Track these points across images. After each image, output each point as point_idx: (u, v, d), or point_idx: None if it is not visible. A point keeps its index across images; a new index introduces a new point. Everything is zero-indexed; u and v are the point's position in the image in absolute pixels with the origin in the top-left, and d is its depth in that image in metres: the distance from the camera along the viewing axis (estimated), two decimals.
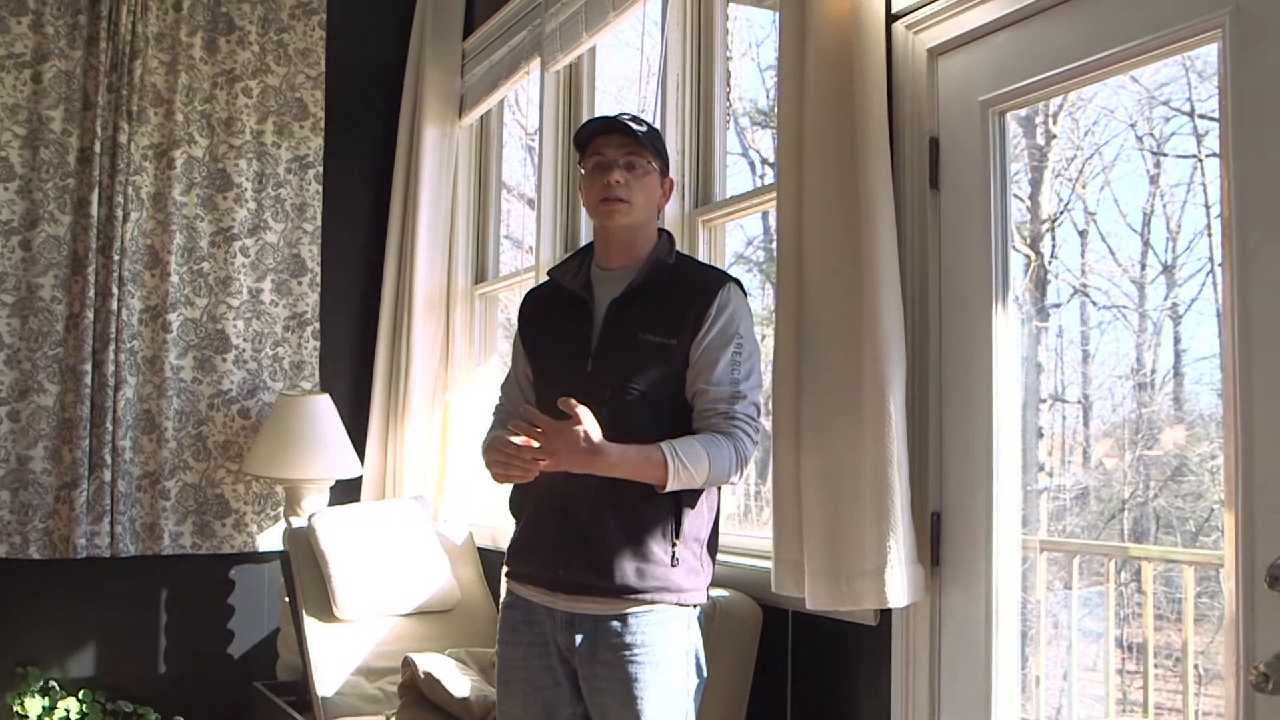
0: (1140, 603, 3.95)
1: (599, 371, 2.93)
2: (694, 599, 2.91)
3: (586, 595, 2.88)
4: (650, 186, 2.99)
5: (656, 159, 3.00)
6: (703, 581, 2.94)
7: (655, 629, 2.85)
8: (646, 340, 2.91)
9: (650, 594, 2.84)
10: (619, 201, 2.94)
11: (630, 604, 2.85)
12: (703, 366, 2.88)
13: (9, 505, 5.32)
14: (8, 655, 5.41)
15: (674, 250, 3.06)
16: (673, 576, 2.85)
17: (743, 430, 2.85)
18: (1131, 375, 4.52)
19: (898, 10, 3.12)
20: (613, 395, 2.89)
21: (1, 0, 5.43)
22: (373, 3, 6.23)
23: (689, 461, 2.76)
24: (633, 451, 2.77)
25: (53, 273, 5.42)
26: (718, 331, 2.89)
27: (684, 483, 2.78)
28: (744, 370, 2.89)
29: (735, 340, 2.89)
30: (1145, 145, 4.42)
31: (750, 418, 2.87)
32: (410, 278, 5.75)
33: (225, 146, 5.76)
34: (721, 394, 2.86)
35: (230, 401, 5.69)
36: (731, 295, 2.94)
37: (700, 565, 2.93)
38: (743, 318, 2.94)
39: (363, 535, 4.80)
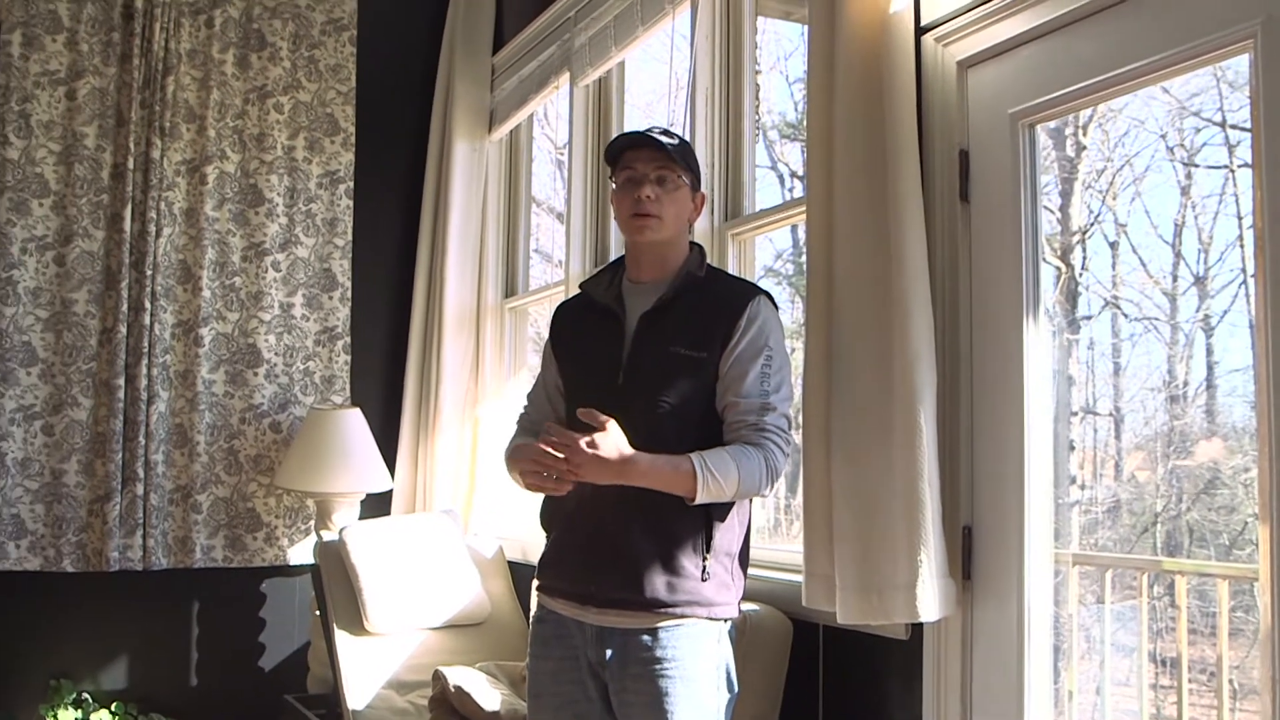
0: (1174, 617, 3.92)
1: (630, 384, 2.93)
2: (725, 613, 2.90)
3: (617, 609, 2.88)
4: (681, 201, 2.99)
5: (688, 173, 3.00)
6: (734, 596, 2.93)
7: (686, 643, 2.84)
8: (677, 353, 2.91)
9: (681, 608, 2.84)
10: (649, 217, 2.94)
11: (661, 618, 2.84)
12: (732, 379, 2.88)
13: (43, 519, 5.35)
14: (41, 667, 5.44)
15: (705, 263, 3.06)
16: (703, 590, 2.85)
17: (773, 442, 2.84)
18: (1163, 387, 4.49)
19: (927, 23, 3.12)
20: (643, 408, 2.89)
21: (37, 19, 5.48)
22: (403, 19, 6.26)
23: (718, 473, 2.75)
24: (661, 461, 2.76)
25: (86, 288, 5.46)
26: (747, 343, 2.88)
27: (713, 494, 2.77)
28: (774, 382, 2.89)
29: (765, 352, 2.89)
30: (1176, 156, 4.40)
31: (780, 429, 2.87)
32: (440, 292, 5.76)
33: (257, 162, 5.79)
34: (751, 406, 2.85)
35: (261, 415, 5.71)
36: (761, 308, 2.94)
37: (731, 579, 2.92)
38: (773, 330, 2.94)
39: (393, 549, 4.81)
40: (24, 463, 5.34)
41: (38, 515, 5.35)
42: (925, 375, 2.89)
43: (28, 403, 5.36)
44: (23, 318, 5.37)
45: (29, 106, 5.44)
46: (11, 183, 5.38)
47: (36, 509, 5.35)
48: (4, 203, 5.36)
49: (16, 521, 5.30)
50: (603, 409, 2.83)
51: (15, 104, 5.41)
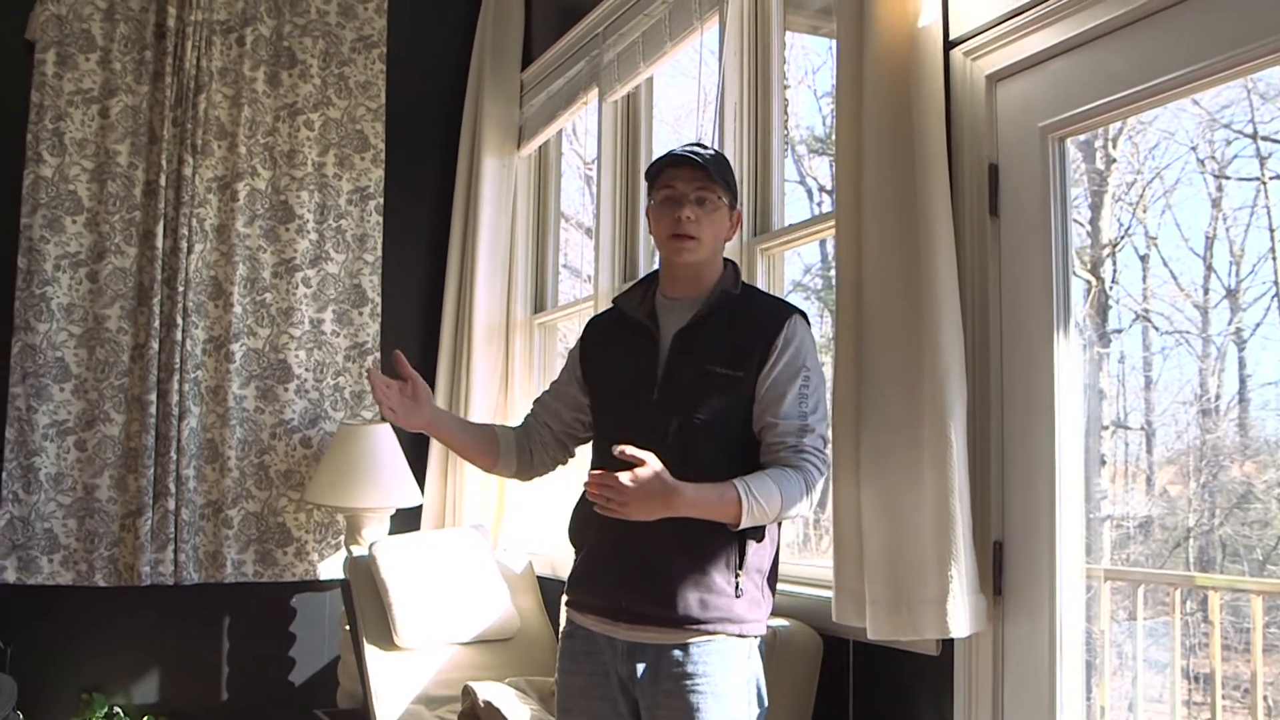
0: (1207, 633, 3.90)
1: (664, 401, 2.93)
2: (755, 630, 2.91)
3: (648, 625, 2.88)
4: (719, 222, 2.99)
5: (726, 192, 2.99)
6: (764, 613, 2.93)
7: (716, 659, 2.84)
8: (713, 372, 2.90)
9: (712, 624, 2.84)
10: (688, 238, 2.94)
11: (692, 634, 2.84)
12: (770, 400, 2.87)
13: (75, 533, 5.39)
14: (73, 681, 5.47)
15: (739, 281, 3.06)
16: (735, 607, 2.85)
17: (811, 463, 2.84)
18: (1195, 401, 4.47)
19: (956, 37, 3.11)
20: (678, 425, 2.89)
21: (70, 38, 5.53)
22: (432, 35, 6.29)
23: (762, 499, 2.75)
24: (706, 490, 2.75)
25: (119, 304, 5.50)
26: (784, 364, 2.88)
27: (757, 519, 2.77)
28: (811, 403, 2.89)
29: (802, 373, 2.89)
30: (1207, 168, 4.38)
31: (818, 450, 2.87)
32: (470, 308, 5.78)
33: (287, 179, 5.83)
34: (790, 427, 2.85)
35: (292, 431, 5.74)
36: (798, 327, 2.94)
37: (762, 596, 2.92)
38: (809, 350, 2.94)
39: (423, 564, 4.82)
40: (57, 478, 5.38)
41: (70, 530, 5.38)
42: (955, 390, 2.88)
43: (61, 418, 5.40)
44: (56, 334, 5.41)
45: (63, 125, 5.49)
46: (45, 200, 5.43)
47: (69, 524, 5.38)
48: (38, 220, 5.40)
49: (49, 536, 5.33)
50: (636, 424, 2.87)
51: (49, 122, 5.46)
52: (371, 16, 6.04)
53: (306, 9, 5.93)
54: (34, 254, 5.40)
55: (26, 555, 5.29)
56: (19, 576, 5.28)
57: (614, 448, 2.73)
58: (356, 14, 6.02)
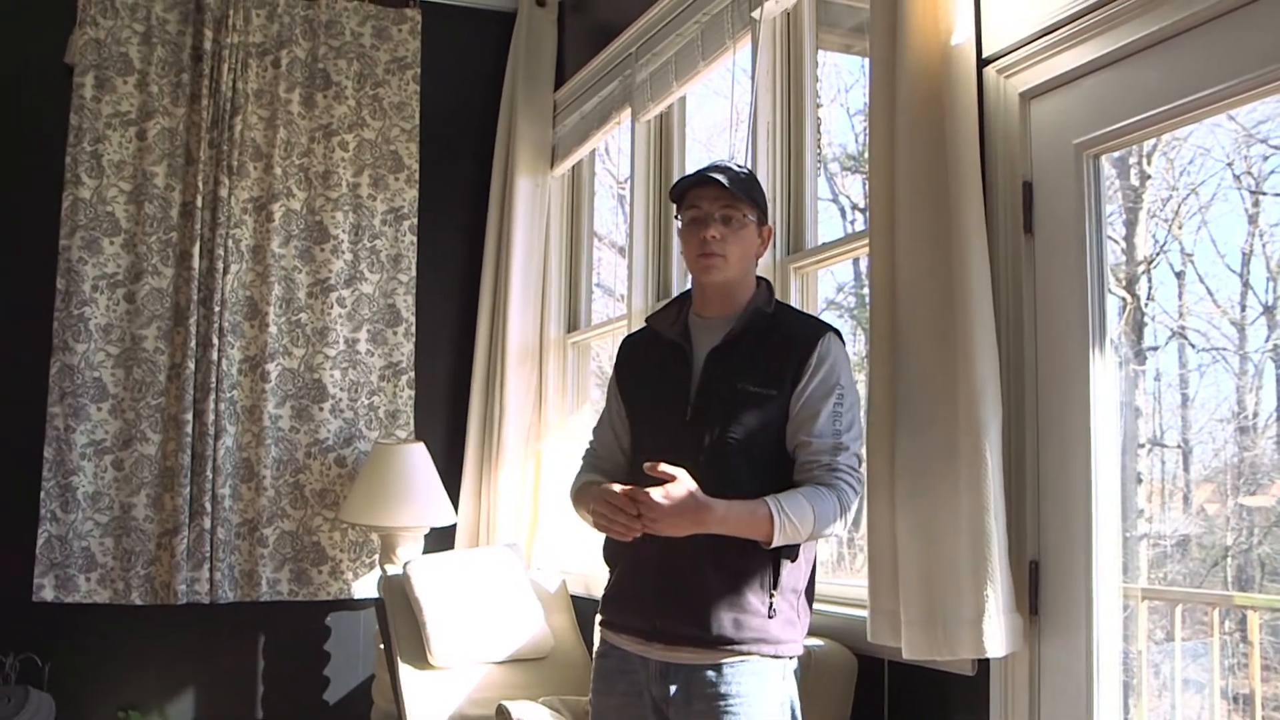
0: (1246, 652, 3.86)
1: (697, 419, 2.92)
2: (790, 650, 2.89)
3: (682, 645, 2.86)
4: (747, 239, 2.98)
5: (753, 209, 2.98)
6: (799, 633, 2.91)
7: (750, 680, 2.82)
8: (745, 390, 2.89)
9: (747, 645, 2.82)
10: (715, 257, 2.94)
11: (726, 654, 2.83)
12: (804, 419, 2.86)
13: (112, 552, 5.42)
14: (111, 698, 5.50)
15: (773, 299, 3.05)
16: (770, 628, 2.83)
17: (845, 482, 2.83)
18: (1233, 419, 4.43)
19: (989, 55, 3.11)
20: (711, 444, 2.88)
21: (109, 61, 5.59)
22: (465, 56, 6.32)
23: (795, 517, 2.74)
24: (738, 507, 2.75)
25: (156, 324, 5.54)
26: (818, 383, 2.87)
27: (789, 538, 2.76)
28: (845, 421, 2.88)
29: (836, 391, 2.88)
30: (1243, 184, 4.35)
31: (852, 469, 2.86)
32: (503, 327, 5.80)
33: (322, 199, 5.86)
34: (824, 446, 2.84)
35: (327, 450, 5.76)
36: (831, 345, 2.93)
37: (797, 616, 2.91)
38: (843, 368, 2.92)
39: (457, 583, 4.83)
40: (94, 496, 5.42)
41: (107, 549, 5.42)
42: (990, 408, 2.87)
43: (98, 438, 5.44)
44: (94, 354, 5.45)
45: (101, 147, 5.54)
46: (84, 221, 5.48)
47: (106, 542, 5.42)
48: (76, 241, 5.45)
49: (86, 554, 5.37)
50: (670, 443, 2.87)
51: (87, 144, 5.52)
52: (405, 38, 6.08)
53: (341, 31, 5.98)
54: (72, 275, 5.45)
55: (64, 573, 5.33)
56: (57, 595, 5.32)
57: (645, 464, 2.73)
58: (390, 36, 6.05)
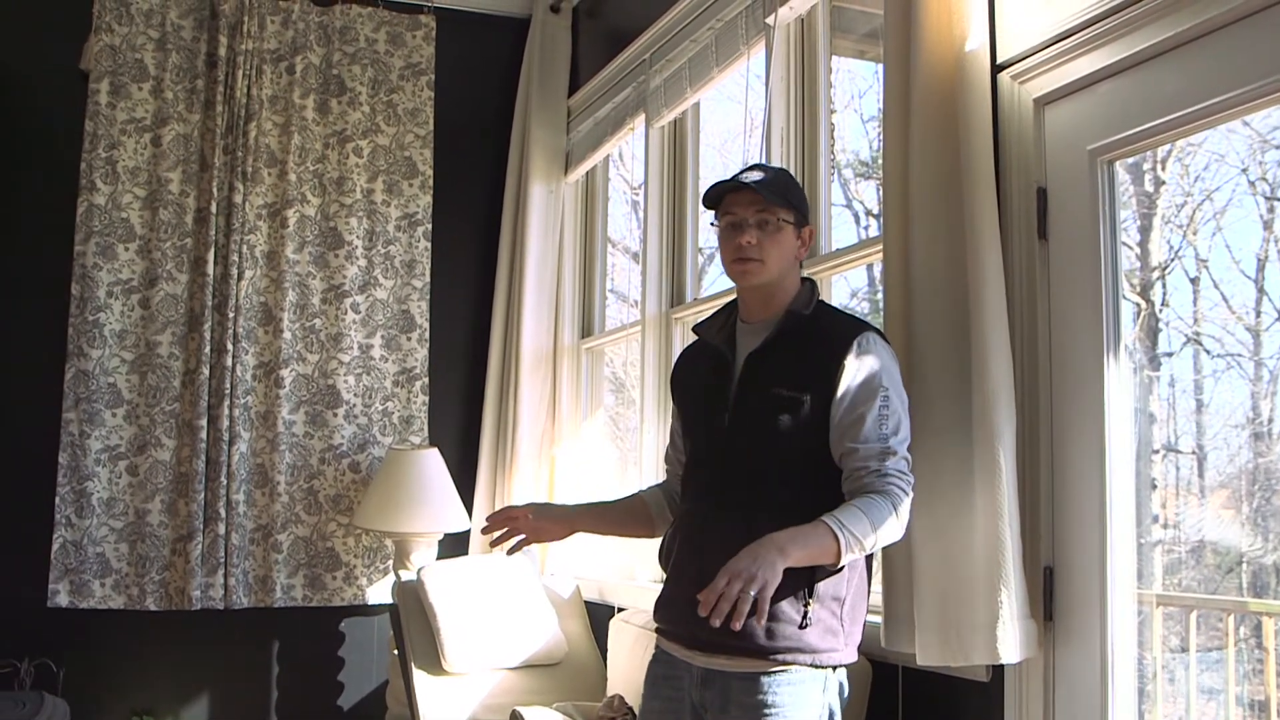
0: (1261, 659, 3.85)
1: (735, 425, 2.91)
2: (833, 660, 2.82)
3: (720, 653, 2.83)
4: (784, 242, 2.93)
5: (790, 211, 2.93)
6: (843, 642, 2.83)
7: (787, 690, 2.78)
8: (779, 394, 2.86)
9: (781, 654, 2.77)
10: (750, 261, 2.91)
11: (762, 664, 2.79)
12: (847, 425, 2.80)
13: (127, 557, 5.44)
14: (124, 703, 5.51)
15: (814, 300, 2.99)
16: (805, 637, 2.77)
17: (897, 486, 2.75)
18: (1247, 424, 4.42)
19: (1003, 60, 3.11)
20: (747, 449, 2.87)
21: (124, 68, 5.61)
22: (479, 63, 6.33)
23: (857, 531, 2.67)
24: (803, 538, 2.66)
25: (170, 330, 5.55)
26: (859, 386, 2.81)
27: (855, 554, 2.70)
28: (891, 424, 2.80)
29: (880, 393, 2.80)
30: (1258, 190, 4.34)
31: (902, 473, 2.78)
32: (517, 332, 5.80)
33: (336, 205, 5.87)
34: (871, 451, 2.77)
35: (341, 456, 5.77)
36: (871, 345, 2.85)
37: (841, 626, 2.82)
38: (886, 368, 2.84)
39: (471, 588, 4.83)
40: (109, 502, 5.43)
41: (122, 554, 5.43)
42: (1004, 413, 2.87)
43: (113, 443, 5.46)
44: (109, 360, 5.47)
45: (116, 153, 5.56)
46: (99, 228, 5.50)
47: (121, 548, 5.43)
48: (91, 247, 5.47)
49: (101, 560, 5.38)
50: (712, 449, 2.91)
51: (103, 151, 5.54)
52: (420, 44, 6.10)
53: (355, 37, 5.99)
54: (87, 281, 5.46)
55: (79, 579, 5.35)
56: (71, 600, 5.34)
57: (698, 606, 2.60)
58: (405, 42, 6.07)
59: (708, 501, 2.92)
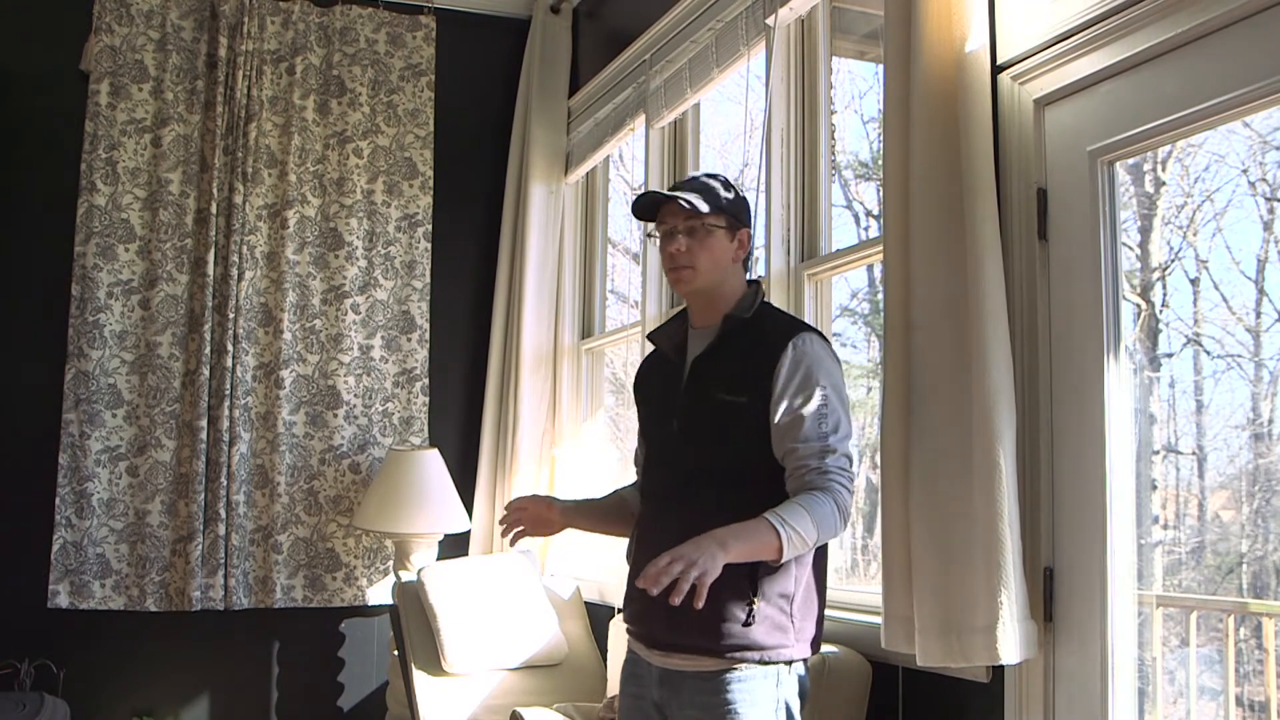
0: (1261, 660, 3.85)
1: (684, 429, 2.97)
2: (782, 656, 2.85)
3: (673, 652, 2.90)
4: (715, 247, 2.97)
5: (720, 215, 2.97)
6: (793, 638, 2.86)
7: (739, 687, 2.82)
8: (720, 398, 2.91)
9: (728, 652, 2.81)
10: (682, 269, 2.97)
11: (713, 662, 2.83)
12: (787, 425, 2.84)
13: (127, 558, 5.44)
14: (125, 704, 5.52)
15: (756, 303, 3.03)
16: (751, 635, 2.80)
17: (838, 483, 2.80)
18: (1248, 425, 4.42)
19: (1003, 61, 3.11)
20: (694, 454, 2.94)
21: (124, 69, 5.61)
22: (480, 63, 6.33)
23: (798, 528, 2.70)
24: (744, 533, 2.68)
25: (170, 331, 5.55)
26: (797, 387, 2.85)
27: (797, 550, 2.73)
28: (831, 423, 2.84)
29: (819, 392, 2.85)
30: (1258, 191, 4.34)
31: (843, 469, 2.82)
32: (518, 333, 5.80)
33: (336, 206, 5.88)
34: (812, 450, 2.81)
35: (341, 456, 5.77)
36: (808, 345, 2.89)
37: (790, 622, 2.85)
38: (824, 368, 2.88)
39: (471, 589, 4.83)
40: (109, 503, 5.43)
41: (122, 555, 5.43)
42: (1005, 414, 2.87)
43: (113, 444, 5.46)
44: (109, 361, 5.47)
45: (116, 154, 5.56)
46: (99, 228, 5.50)
47: (121, 549, 5.43)
48: (91, 248, 5.48)
49: (101, 561, 5.38)
50: (664, 453, 2.99)
51: (103, 151, 5.54)
52: (420, 45, 6.10)
53: (355, 38, 5.99)
54: (87, 281, 5.47)
55: (79, 580, 5.35)
56: (72, 601, 5.34)
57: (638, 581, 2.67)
58: (405, 43, 6.07)
59: (661, 503, 2.98)
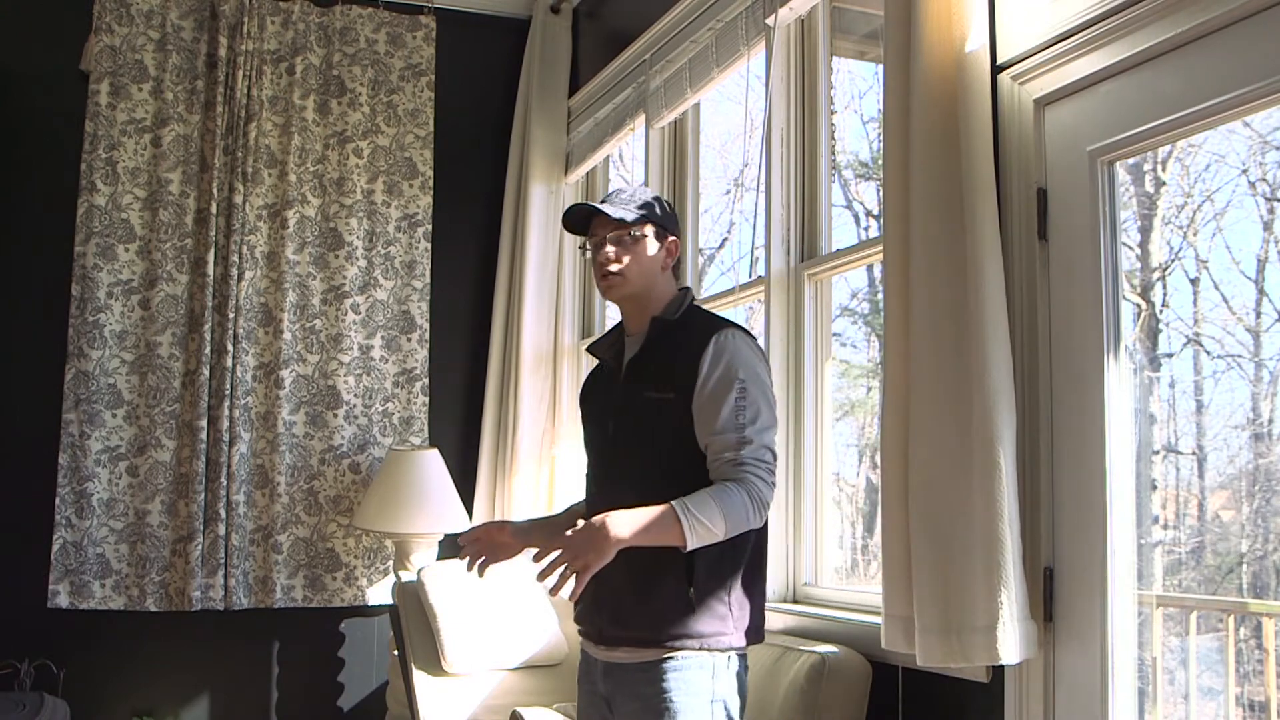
0: (1261, 660, 3.85)
1: (617, 432, 3.05)
2: (721, 644, 2.90)
3: (616, 646, 2.97)
4: (641, 254, 3.07)
5: (646, 224, 3.08)
6: (733, 626, 2.91)
7: (675, 676, 2.86)
8: (650, 397, 2.98)
9: (668, 642, 2.87)
10: (610, 276, 3.06)
11: (651, 652, 2.89)
12: (706, 418, 2.90)
13: (127, 558, 5.44)
14: (125, 704, 5.52)
15: (684, 306, 3.11)
16: (691, 623, 2.86)
17: (753, 474, 2.84)
18: (1248, 425, 4.42)
19: (1003, 61, 3.11)
20: (627, 454, 3.01)
21: (124, 69, 5.61)
22: (480, 63, 6.33)
23: (703, 517, 2.76)
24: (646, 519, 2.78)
25: (171, 331, 5.55)
26: (716, 380, 2.90)
27: (703, 538, 2.77)
28: (749, 414, 2.88)
29: (737, 385, 2.89)
30: (1258, 191, 4.34)
31: (759, 460, 2.86)
32: (518, 333, 5.80)
33: (336, 206, 5.88)
34: (728, 441, 2.86)
35: (341, 456, 5.77)
36: (729, 341, 2.95)
37: (730, 610, 2.91)
38: (744, 362, 2.93)
39: (471, 589, 4.83)
40: (109, 503, 5.43)
41: (122, 555, 5.43)
42: (1004, 414, 2.87)
43: (113, 444, 5.46)
44: (109, 361, 5.47)
45: (116, 154, 5.56)
46: (99, 228, 5.50)
47: (121, 549, 5.43)
48: (91, 248, 5.48)
49: (101, 561, 5.38)
50: (603, 459, 3.07)
51: (103, 151, 5.54)
52: (420, 45, 6.10)
53: (355, 38, 5.99)
54: (87, 281, 5.47)
55: (79, 580, 5.35)
56: (72, 601, 5.34)
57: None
58: (405, 43, 6.07)
59: (601, 504, 2.99)
